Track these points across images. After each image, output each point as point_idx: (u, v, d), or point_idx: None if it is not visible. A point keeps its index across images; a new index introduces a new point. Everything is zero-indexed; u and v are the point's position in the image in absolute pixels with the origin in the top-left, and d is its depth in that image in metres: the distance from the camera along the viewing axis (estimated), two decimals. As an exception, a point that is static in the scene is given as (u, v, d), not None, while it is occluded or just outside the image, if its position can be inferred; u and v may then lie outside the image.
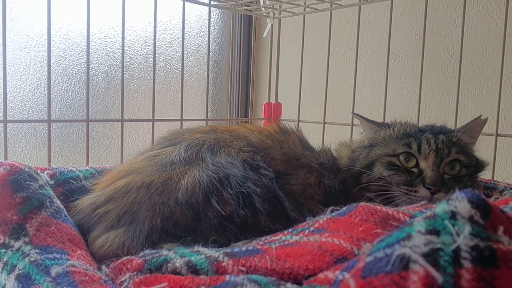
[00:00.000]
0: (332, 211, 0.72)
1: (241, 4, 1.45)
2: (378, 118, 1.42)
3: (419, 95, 1.32)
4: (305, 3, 1.42)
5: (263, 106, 1.59)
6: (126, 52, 1.74)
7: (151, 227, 0.74)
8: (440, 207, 0.46)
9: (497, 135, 1.12)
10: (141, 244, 0.72)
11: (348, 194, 0.95)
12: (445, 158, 0.91)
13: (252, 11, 1.55)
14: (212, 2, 1.38)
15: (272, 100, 1.62)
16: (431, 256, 0.41)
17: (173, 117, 1.34)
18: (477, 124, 0.98)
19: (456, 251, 0.41)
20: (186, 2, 1.30)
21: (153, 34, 1.24)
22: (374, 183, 0.93)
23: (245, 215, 0.78)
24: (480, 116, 0.98)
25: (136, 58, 1.77)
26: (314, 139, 1.43)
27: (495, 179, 1.07)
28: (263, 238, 0.72)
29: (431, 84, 1.59)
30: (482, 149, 1.07)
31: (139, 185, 0.79)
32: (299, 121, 1.51)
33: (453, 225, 0.44)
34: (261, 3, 1.46)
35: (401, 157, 0.93)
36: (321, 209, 0.89)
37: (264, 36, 1.57)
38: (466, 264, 0.40)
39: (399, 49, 1.66)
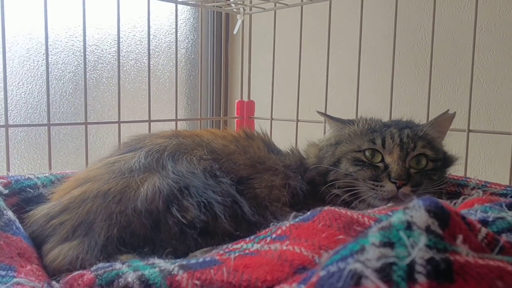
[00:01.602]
0: (295, 216, 0.70)
1: (210, 1, 1.41)
2: (351, 114, 1.41)
3: (391, 90, 1.30)
4: (275, -1, 1.39)
5: (236, 104, 1.55)
6: (94, 51, 1.69)
7: (107, 238, 0.71)
8: (396, 217, 0.44)
9: (469, 131, 1.11)
10: (96, 257, 0.69)
11: (316, 193, 0.94)
12: (411, 152, 0.90)
13: (222, 8, 1.51)
14: (179, -1, 1.34)
15: (245, 98, 1.58)
16: (384, 272, 0.39)
17: (145, 118, 1.30)
18: (445, 119, 0.98)
19: (411, 265, 0.39)
20: (151, 0, 1.26)
21: (122, 32, 1.19)
22: (341, 180, 0.93)
23: (206, 221, 0.75)
24: (447, 110, 0.98)
25: (105, 57, 1.72)
26: (288, 137, 1.41)
27: (467, 175, 1.06)
28: (224, 247, 0.69)
29: (403, 79, 1.58)
30: (454, 145, 1.06)
31: (95, 194, 0.76)
32: (272, 119, 1.49)
33: (408, 237, 0.41)
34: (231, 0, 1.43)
35: (367, 153, 0.92)
36: (288, 211, 0.87)
37: (234, 32, 1.53)
38: (421, 278, 0.38)
39: (371, 44, 1.65)
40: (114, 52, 1.73)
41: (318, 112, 1.07)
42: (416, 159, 0.91)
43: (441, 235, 0.42)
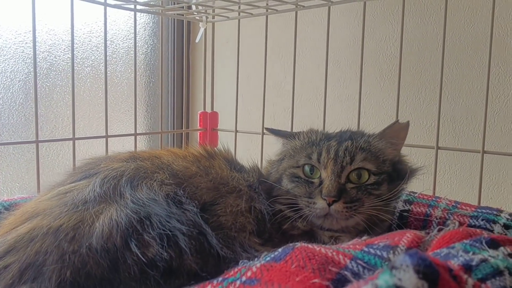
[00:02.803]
0: (267, 255, 0.65)
1: (171, 9, 1.34)
2: (318, 123, 1.38)
3: (358, 100, 1.27)
4: (239, 8, 1.34)
5: (198, 115, 1.49)
6: (46, 58, 1.59)
7: (59, 283, 0.64)
8: (383, 279, 0.40)
9: (438, 148, 1.09)
10: (47, 306, 0.62)
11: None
12: (347, 166, 0.85)
13: (183, 15, 1.44)
14: (138, 7, 1.27)
15: (208, 109, 1.53)
16: None
17: (101, 131, 1.22)
18: (397, 129, 0.92)
19: None
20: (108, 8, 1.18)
21: (77, 37, 1.11)
22: (283, 196, 0.89)
23: (169, 258, 0.69)
24: (397, 120, 0.93)
25: (58, 64, 1.62)
26: (253, 149, 1.36)
27: (436, 195, 1.04)
28: (189, 292, 0.64)
29: (370, 90, 1.56)
30: (422, 160, 1.04)
31: (45, 231, 0.68)
32: (236, 131, 1.44)
33: (398, 306, 0.37)
34: (193, 8, 1.36)
35: (306, 168, 0.89)
36: (256, 242, 0.82)
37: (196, 41, 1.47)
38: None
39: (338, 54, 1.62)
40: (68, 58, 1.63)
41: (266, 128, 1.02)
42: (356, 173, 0.86)
43: (432, 301, 0.39)
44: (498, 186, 1.34)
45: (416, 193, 1.03)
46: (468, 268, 0.51)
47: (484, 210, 0.92)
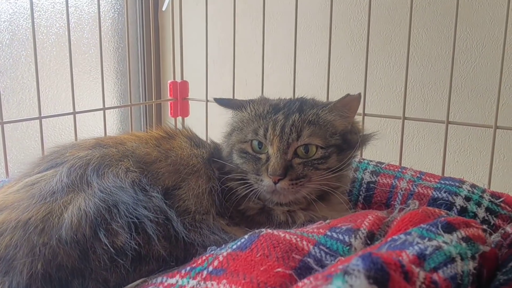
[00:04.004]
0: (234, 242, 0.67)
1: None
2: (289, 89, 1.38)
3: (328, 65, 1.27)
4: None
5: (168, 85, 1.48)
6: (7, 28, 1.53)
7: (30, 276, 0.65)
8: (336, 285, 0.42)
9: (404, 118, 1.11)
10: (19, 300, 0.63)
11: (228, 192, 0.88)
12: (293, 143, 0.84)
13: (149, -19, 1.39)
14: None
15: (178, 78, 1.51)
16: None
17: (70, 102, 1.19)
18: (348, 101, 0.88)
19: None
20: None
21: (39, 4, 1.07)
22: (234, 172, 0.88)
23: (138, 246, 0.71)
24: (348, 94, 0.88)
25: (21, 33, 1.56)
26: (226, 116, 1.36)
27: (402, 165, 1.07)
28: (158, 281, 0.65)
29: (341, 54, 1.56)
30: (391, 129, 1.05)
31: (14, 225, 0.68)
32: (207, 100, 1.43)
33: (349, 313, 0.40)
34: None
35: (254, 143, 0.87)
36: (222, 223, 0.83)
37: (163, 9, 1.43)
38: None
39: (309, 18, 1.60)
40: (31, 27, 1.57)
41: (214, 99, 0.97)
42: (304, 148, 0.84)
43: (381, 304, 0.41)
44: (463, 153, 1.38)
45: (383, 163, 1.05)
46: (422, 257, 0.54)
47: (447, 182, 0.95)
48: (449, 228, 0.62)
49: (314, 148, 0.85)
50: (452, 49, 1.06)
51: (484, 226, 0.67)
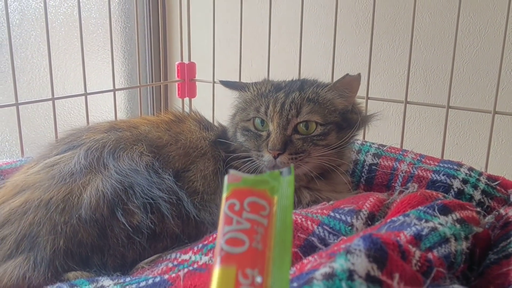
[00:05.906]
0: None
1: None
2: (294, 71, 1.40)
3: (333, 47, 1.29)
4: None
5: (176, 67, 1.50)
6: (17, 8, 1.55)
7: (53, 251, 0.70)
8: (339, 263, 0.46)
9: (406, 102, 1.14)
10: (44, 273, 0.69)
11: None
12: (293, 119, 0.86)
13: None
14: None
15: (186, 59, 1.53)
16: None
17: (79, 80, 1.22)
18: (347, 81, 0.90)
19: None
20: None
21: None
22: (239, 151, 0.91)
23: (153, 224, 0.75)
24: (347, 74, 0.90)
25: (31, 13, 1.59)
26: (232, 97, 1.39)
27: (404, 148, 1.11)
28: (172, 257, 0.70)
29: (346, 37, 1.58)
30: (394, 112, 1.08)
31: (37, 204, 0.73)
32: (214, 82, 1.46)
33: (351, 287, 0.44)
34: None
35: (256, 121, 0.90)
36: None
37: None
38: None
39: (314, 0, 1.61)
40: (41, 7, 1.59)
41: (219, 81, 1.01)
42: (304, 124, 0.87)
43: (380, 280, 0.45)
44: (463, 136, 1.42)
45: (385, 146, 1.09)
46: (418, 238, 0.58)
47: (445, 165, 0.99)
48: (445, 210, 0.66)
49: (313, 125, 0.87)
50: (455, 33, 1.09)
51: (478, 209, 0.72)
